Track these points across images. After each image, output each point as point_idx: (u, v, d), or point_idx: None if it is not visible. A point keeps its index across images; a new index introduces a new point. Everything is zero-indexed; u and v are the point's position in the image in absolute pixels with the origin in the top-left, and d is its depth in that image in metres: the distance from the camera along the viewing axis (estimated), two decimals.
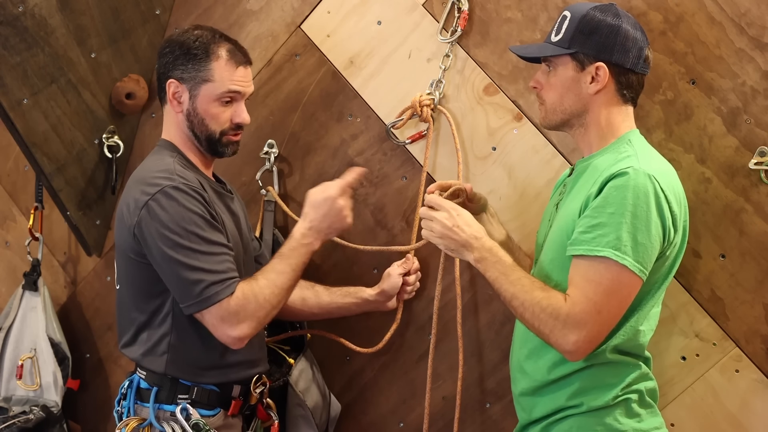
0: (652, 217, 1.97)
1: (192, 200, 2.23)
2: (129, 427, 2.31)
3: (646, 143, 2.16)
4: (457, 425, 2.58)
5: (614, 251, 1.94)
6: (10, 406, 2.97)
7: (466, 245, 2.14)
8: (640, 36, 2.12)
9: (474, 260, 2.13)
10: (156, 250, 2.22)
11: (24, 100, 2.70)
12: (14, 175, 3.18)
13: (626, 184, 1.97)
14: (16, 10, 2.62)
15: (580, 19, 2.12)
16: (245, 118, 2.38)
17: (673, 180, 2.08)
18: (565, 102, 2.15)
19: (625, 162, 2.02)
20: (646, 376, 2.14)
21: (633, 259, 1.95)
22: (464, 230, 2.15)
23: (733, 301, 2.35)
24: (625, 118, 2.15)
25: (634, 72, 2.12)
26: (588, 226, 1.99)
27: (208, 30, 2.39)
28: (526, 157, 2.53)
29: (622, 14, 2.13)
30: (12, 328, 3.04)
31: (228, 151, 2.40)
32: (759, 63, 2.28)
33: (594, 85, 2.11)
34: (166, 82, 2.36)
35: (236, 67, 2.36)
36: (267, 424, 2.50)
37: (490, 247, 2.13)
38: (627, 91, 2.13)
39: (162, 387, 2.31)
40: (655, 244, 1.98)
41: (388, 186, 2.71)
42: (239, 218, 2.47)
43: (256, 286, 2.25)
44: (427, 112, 2.60)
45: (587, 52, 2.11)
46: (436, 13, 2.62)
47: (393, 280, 2.59)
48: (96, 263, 3.09)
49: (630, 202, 1.96)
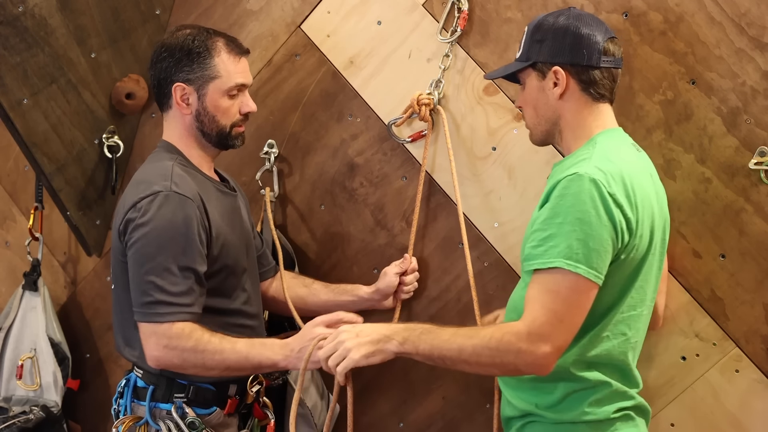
0: (601, 222, 1.94)
1: (177, 213, 2.23)
2: (125, 425, 2.32)
3: (616, 142, 2.12)
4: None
5: (566, 260, 1.92)
6: (10, 406, 2.97)
7: (382, 340, 2.03)
8: (593, 31, 2.10)
9: (399, 345, 2.02)
10: (131, 252, 2.25)
11: (24, 100, 2.70)
12: (14, 175, 3.18)
13: (570, 192, 1.95)
14: (16, 10, 2.62)
15: (533, 29, 2.16)
16: (252, 106, 2.42)
17: (634, 181, 2.02)
18: (540, 113, 2.17)
19: (575, 167, 2.00)
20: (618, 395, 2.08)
21: (586, 266, 1.93)
22: (369, 329, 2.07)
23: (733, 301, 2.35)
24: (597, 118, 2.13)
25: (595, 67, 2.11)
26: (539, 239, 1.97)
27: (196, 28, 2.40)
28: (526, 157, 2.53)
29: (574, 15, 2.14)
30: (12, 328, 3.04)
31: (238, 143, 2.43)
32: (759, 63, 2.28)
33: (557, 89, 2.12)
34: (171, 87, 2.35)
35: (238, 59, 2.39)
36: (263, 422, 2.50)
37: (404, 325, 2.07)
38: (593, 89, 2.11)
39: (158, 386, 2.32)
40: (607, 248, 1.95)
41: (388, 186, 2.71)
42: (242, 216, 2.47)
43: (205, 337, 2.22)
44: (425, 111, 2.60)
45: (543, 60, 2.12)
46: (436, 13, 2.62)
47: (389, 279, 2.59)
48: (96, 263, 3.09)
49: (576, 208, 1.94)
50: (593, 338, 2.04)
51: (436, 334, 2.01)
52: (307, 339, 2.21)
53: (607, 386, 2.06)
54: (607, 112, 2.16)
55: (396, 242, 2.70)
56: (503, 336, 1.93)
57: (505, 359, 1.94)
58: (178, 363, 2.23)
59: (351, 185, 2.75)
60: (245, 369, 2.26)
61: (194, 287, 2.24)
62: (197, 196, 2.29)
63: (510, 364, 1.95)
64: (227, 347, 2.22)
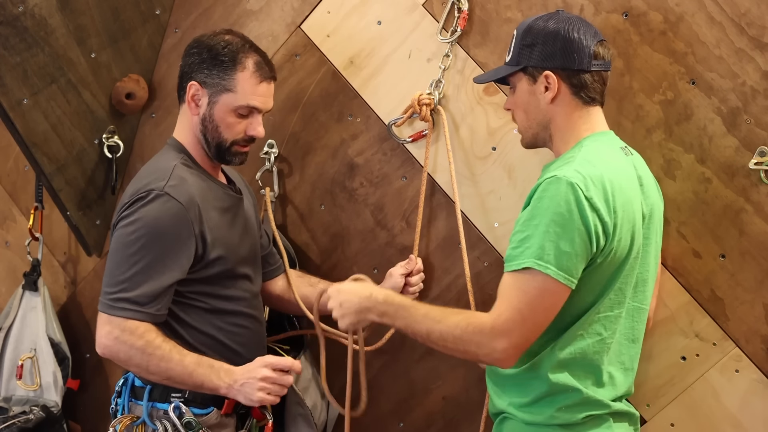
0: (575, 225, 1.95)
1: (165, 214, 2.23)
2: (122, 424, 2.32)
3: (602, 145, 2.12)
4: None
5: (537, 261, 1.95)
6: (10, 406, 2.98)
7: (362, 311, 2.14)
8: (583, 35, 2.11)
9: (378, 317, 2.13)
10: (112, 242, 2.28)
11: (24, 100, 2.70)
12: (14, 175, 3.18)
13: (547, 194, 1.98)
14: (16, 10, 2.62)
15: (523, 34, 2.16)
16: (260, 131, 2.39)
17: (615, 185, 2.02)
18: (531, 117, 2.18)
19: (557, 170, 2.01)
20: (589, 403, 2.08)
21: (556, 268, 1.95)
22: (351, 300, 2.15)
23: (733, 301, 2.35)
24: (586, 121, 2.14)
25: (586, 71, 2.11)
26: (517, 241, 2.00)
27: (239, 37, 2.39)
28: (525, 157, 2.53)
29: (564, 18, 2.14)
30: (12, 328, 3.04)
31: (235, 161, 2.41)
32: (759, 63, 2.28)
33: (548, 93, 2.13)
34: (188, 83, 2.36)
35: (260, 82, 2.36)
36: (262, 423, 2.50)
37: (384, 299, 2.13)
38: (584, 93, 2.12)
39: (156, 385, 2.32)
40: (579, 251, 1.96)
41: (388, 186, 2.71)
42: (246, 218, 2.47)
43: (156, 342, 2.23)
44: (426, 111, 2.60)
45: (534, 64, 2.14)
46: (436, 13, 2.62)
47: (394, 280, 2.59)
48: (96, 263, 3.09)
49: (551, 210, 1.96)
50: (568, 337, 2.06)
51: (411, 312, 2.09)
52: (250, 375, 2.26)
53: (577, 393, 2.06)
54: (597, 115, 2.17)
55: (396, 242, 2.70)
56: (468, 326, 2.00)
57: (467, 348, 2.01)
58: (123, 358, 2.25)
59: (351, 185, 2.75)
60: (186, 384, 2.27)
61: (162, 291, 2.24)
62: (193, 200, 2.28)
63: (471, 353, 2.02)
64: (175, 358, 2.24)
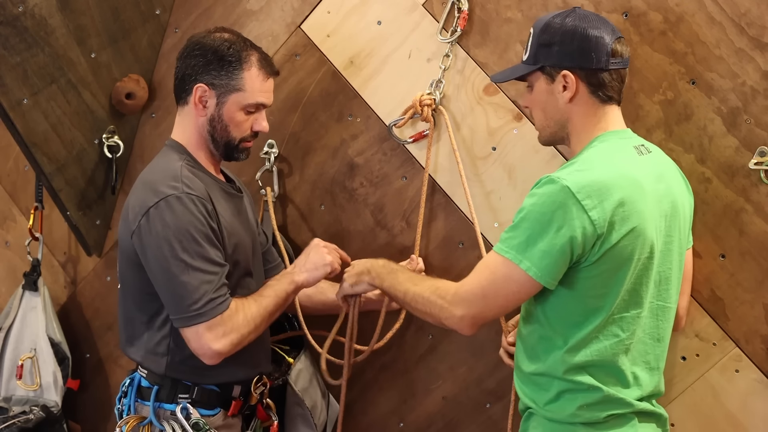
0: (557, 225, 1.97)
1: (192, 213, 2.24)
2: (129, 425, 2.32)
3: (612, 145, 2.11)
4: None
5: (513, 252, 2.01)
6: (10, 406, 2.98)
7: (363, 273, 2.36)
8: (601, 33, 2.10)
9: (372, 279, 2.33)
10: (152, 261, 2.24)
11: (24, 100, 2.70)
12: (14, 175, 3.18)
13: (539, 192, 2.02)
14: (16, 10, 2.62)
15: (540, 32, 2.15)
16: (265, 126, 2.41)
17: (620, 186, 2.01)
18: (549, 115, 2.18)
19: (560, 171, 2.03)
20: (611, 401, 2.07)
21: (530, 262, 1.99)
22: (360, 262, 2.40)
23: (733, 301, 2.35)
24: (601, 120, 2.14)
25: (604, 70, 2.11)
26: (509, 228, 2.05)
27: (235, 35, 2.39)
28: (526, 157, 2.53)
29: (581, 16, 2.13)
30: (12, 328, 3.04)
31: (242, 156, 2.44)
32: (759, 63, 2.28)
33: (566, 93, 2.13)
34: (193, 86, 2.35)
35: (266, 78, 2.39)
36: (266, 424, 2.50)
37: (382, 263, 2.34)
38: (602, 92, 2.12)
39: (162, 386, 2.32)
40: (557, 251, 1.97)
41: (388, 186, 2.71)
42: (247, 217, 2.48)
43: (245, 305, 2.30)
44: (427, 111, 2.60)
45: (552, 63, 2.13)
46: (436, 13, 2.62)
47: None
48: (96, 263, 3.09)
49: (537, 209, 2.00)
50: (582, 340, 2.05)
51: (396, 275, 2.27)
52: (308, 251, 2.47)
53: (598, 391, 2.06)
54: (613, 113, 2.16)
55: (396, 242, 2.70)
56: (436, 290, 2.13)
57: (431, 310, 2.13)
58: (238, 341, 2.27)
59: (351, 185, 2.75)
60: (282, 306, 2.39)
61: (221, 273, 2.26)
62: (207, 197, 2.29)
63: (435, 316, 2.13)
64: (263, 302, 2.34)
